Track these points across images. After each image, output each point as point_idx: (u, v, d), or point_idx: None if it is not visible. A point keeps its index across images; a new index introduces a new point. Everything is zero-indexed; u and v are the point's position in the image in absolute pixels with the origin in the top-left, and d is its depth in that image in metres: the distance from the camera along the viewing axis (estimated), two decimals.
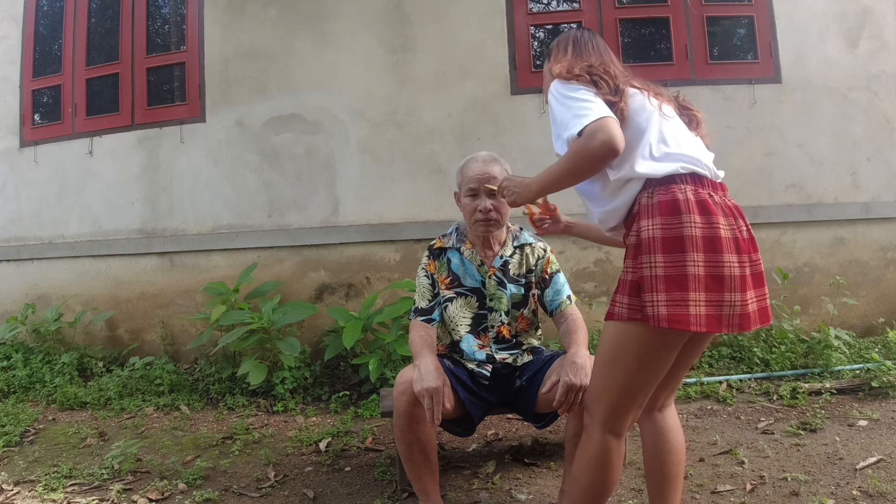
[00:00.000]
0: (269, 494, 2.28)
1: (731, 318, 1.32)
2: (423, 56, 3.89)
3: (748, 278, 1.35)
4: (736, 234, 1.35)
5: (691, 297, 1.30)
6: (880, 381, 2.88)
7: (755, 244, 1.40)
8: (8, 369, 3.81)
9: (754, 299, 1.37)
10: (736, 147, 3.79)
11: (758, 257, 1.40)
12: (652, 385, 1.45)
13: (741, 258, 1.34)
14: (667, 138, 1.46)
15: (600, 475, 1.47)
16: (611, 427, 1.46)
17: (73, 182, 4.31)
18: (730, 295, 1.31)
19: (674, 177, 1.40)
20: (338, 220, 3.92)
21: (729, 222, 1.36)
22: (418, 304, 2.10)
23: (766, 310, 1.41)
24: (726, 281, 1.31)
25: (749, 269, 1.36)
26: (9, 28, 4.53)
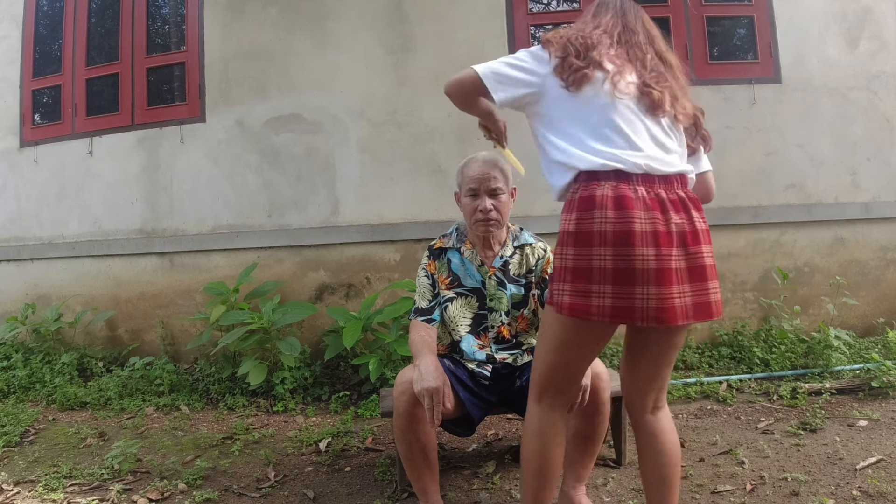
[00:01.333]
0: (269, 494, 2.28)
1: (646, 310, 1.34)
2: (423, 56, 3.89)
3: (677, 272, 1.35)
4: (658, 228, 1.35)
5: (594, 289, 1.35)
6: (880, 381, 2.88)
7: (699, 237, 1.39)
8: (8, 369, 3.81)
9: (688, 293, 1.37)
10: (736, 147, 3.80)
11: (700, 250, 1.39)
12: (576, 366, 1.54)
13: (664, 251, 1.34)
14: (607, 131, 1.44)
15: (536, 444, 1.54)
16: (538, 398, 1.55)
17: (73, 182, 4.31)
18: (642, 288, 1.33)
19: (597, 173, 1.41)
20: (338, 220, 3.92)
21: (652, 216, 1.35)
22: (418, 305, 2.10)
23: (707, 304, 1.39)
24: (637, 274, 1.33)
25: (684, 263, 1.37)
26: (9, 28, 4.53)
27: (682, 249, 1.37)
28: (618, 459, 2.36)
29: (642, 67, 1.51)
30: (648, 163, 1.41)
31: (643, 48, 1.55)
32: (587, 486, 1.99)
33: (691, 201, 1.44)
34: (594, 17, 1.62)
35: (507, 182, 2.03)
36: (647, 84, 1.48)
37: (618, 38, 1.55)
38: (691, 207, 1.42)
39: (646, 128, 1.46)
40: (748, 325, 3.70)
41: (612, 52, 1.52)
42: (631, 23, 1.58)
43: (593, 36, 1.53)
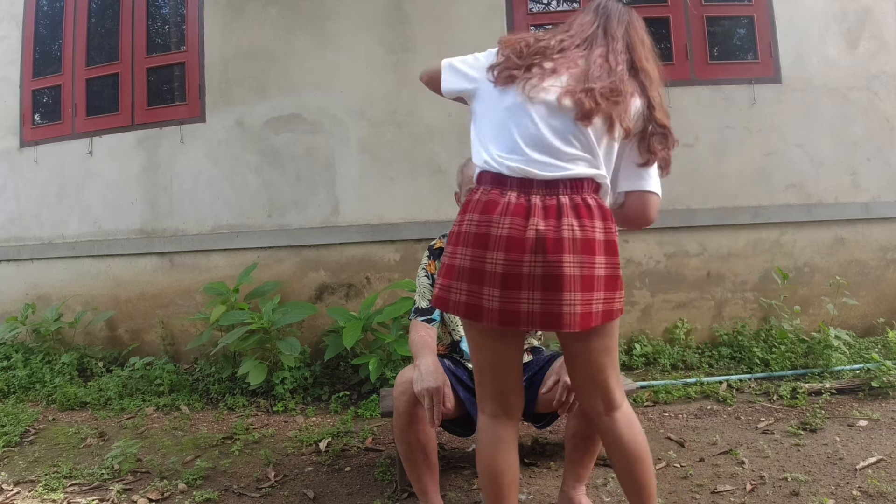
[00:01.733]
0: (269, 494, 2.28)
1: (491, 311, 1.38)
2: (423, 56, 3.88)
3: (530, 278, 1.35)
4: (513, 234, 1.35)
5: (454, 285, 1.42)
6: (880, 381, 2.88)
7: (563, 246, 1.34)
8: (8, 369, 3.81)
9: (537, 300, 1.35)
10: (736, 147, 3.79)
11: (560, 259, 1.34)
12: (492, 370, 1.53)
13: (514, 256, 1.35)
14: (501, 133, 1.46)
15: (482, 455, 1.55)
16: (489, 409, 1.55)
17: (73, 182, 4.30)
18: (489, 289, 1.37)
19: (482, 174, 1.48)
20: (338, 220, 3.92)
21: (512, 221, 1.36)
22: (418, 305, 2.10)
23: (558, 315, 1.35)
24: (487, 276, 1.37)
25: (540, 270, 1.35)
26: (9, 28, 4.52)
27: (540, 256, 1.35)
28: None
29: (589, 76, 1.44)
30: (525, 167, 1.40)
31: (612, 56, 1.48)
32: (587, 486, 1.99)
33: (575, 209, 1.38)
34: (572, 21, 1.60)
35: None
36: (580, 92, 1.41)
37: (582, 43, 1.51)
38: (569, 215, 1.37)
39: (542, 133, 1.43)
40: (748, 325, 3.70)
41: (561, 56, 1.48)
42: (612, 28, 1.53)
43: (549, 41, 1.50)
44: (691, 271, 3.80)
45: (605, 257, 1.40)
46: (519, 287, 1.35)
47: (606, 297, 1.41)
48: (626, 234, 3.78)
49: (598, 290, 1.39)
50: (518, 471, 1.57)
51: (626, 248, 3.80)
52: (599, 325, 1.42)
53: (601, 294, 1.40)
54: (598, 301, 1.39)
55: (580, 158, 1.43)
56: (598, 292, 1.39)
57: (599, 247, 1.39)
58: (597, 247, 1.38)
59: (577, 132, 1.43)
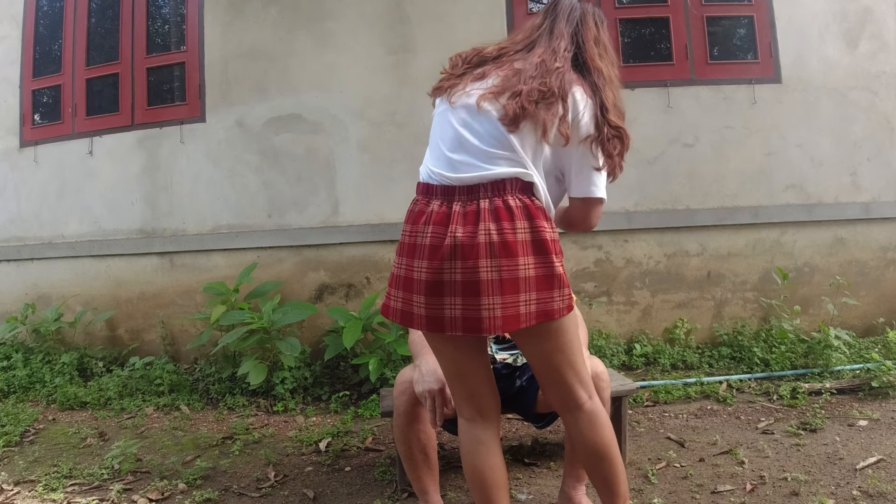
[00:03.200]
0: (269, 494, 2.28)
1: (420, 317, 1.42)
2: (423, 56, 3.89)
3: (451, 284, 1.37)
4: (434, 242, 1.39)
5: (392, 293, 1.50)
6: (880, 381, 2.88)
7: (478, 251, 1.35)
8: (8, 369, 3.81)
9: (458, 306, 1.37)
10: (736, 147, 3.80)
11: (477, 265, 1.35)
12: (457, 374, 1.55)
13: (434, 264, 1.37)
14: (431, 147, 1.54)
15: (465, 458, 1.56)
16: (463, 412, 1.57)
17: (73, 182, 4.30)
18: (417, 297, 1.42)
19: (417, 186, 1.54)
20: (338, 220, 3.92)
21: (434, 230, 1.40)
22: None
23: (477, 319, 1.36)
24: (414, 283, 1.43)
25: (459, 276, 1.36)
26: (9, 28, 4.52)
27: (458, 263, 1.36)
28: None
29: (521, 77, 1.42)
30: (445, 172, 1.43)
31: (550, 55, 1.45)
32: (587, 486, 1.99)
33: (494, 212, 1.37)
34: (524, 25, 1.61)
35: None
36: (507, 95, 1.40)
37: (524, 47, 1.50)
38: (487, 219, 1.37)
39: (461, 133, 1.44)
40: (748, 325, 3.70)
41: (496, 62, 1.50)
42: (559, 27, 1.50)
43: (489, 49, 1.55)
44: (691, 271, 3.80)
45: (535, 257, 1.38)
46: (441, 293, 1.38)
47: (540, 297, 1.38)
48: (627, 234, 3.79)
49: (527, 290, 1.37)
50: (504, 470, 1.56)
51: (625, 249, 3.80)
52: (544, 325, 1.40)
53: (532, 294, 1.37)
54: (527, 302, 1.37)
55: (501, 158, 1.41)
56: (526, 293, 1.37)
57: (524, 247, 1.37)
58: (519, 248, 1.36)
59: (499, 134, 1.41)
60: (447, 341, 1.50)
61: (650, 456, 2.40)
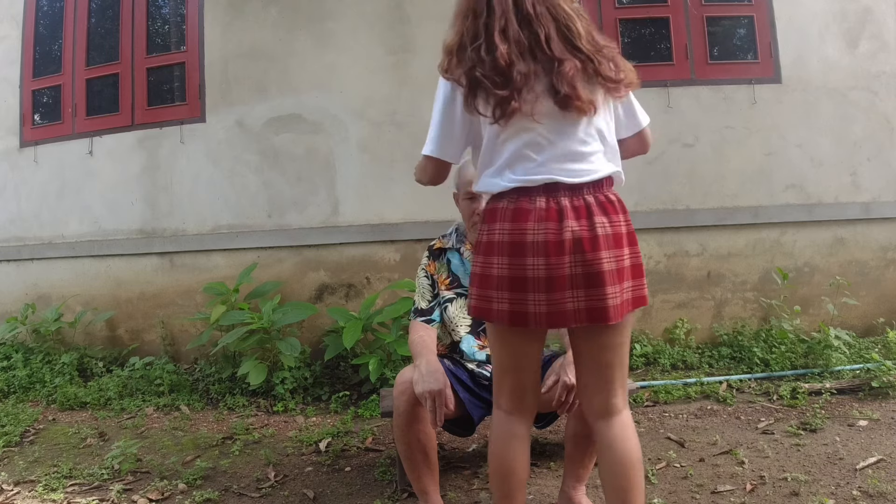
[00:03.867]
0: (269, 494, 2.28)
1: (538, 315, 1.40)
2: (423, 56, 3.89)
3: (572, 278, 1.39)
4: (549, 238, 1.38)
5: (494, 295, 1.44)
6: (880, 381, 2.88)
7: (598, 244, 1.39)
8: (8, 369, 3.81)
9: (582, 298, 1.39)
10: (736, 147, 3.80)
11: (599, 257, 1.38)
12: (514, 368, 1.54)
13: (553, 260, 1.38)
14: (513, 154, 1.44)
15: (495, 449, 1.55)
16: (506, 406, 1.56)
17: (73, 182, 4.30)
18: (534, 295, 1.39)
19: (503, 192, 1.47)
20: (338, 220, 3.92)
21: (546, 226, 1.39)
22: (418, 305, 2.10)
23: (603, 309, 1.39)
24: (529, 282, 1.39)
25: (581, 269, 1.39)
26: (9, 28, 4.52)
27: (578, 256, 1.39)
28: None
29: (550, 70, 1.40)
30: (551, 176, 1.42)
31: (546, 39, 1.41)
32: (587, 486, 1.99)
33: (601, 206, 1.42)
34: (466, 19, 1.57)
35: None
36: (559, 92, 1.38)
37: (515, 37, 1.43)
38: (597, 213, 1.41)
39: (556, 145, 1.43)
40: (748, 325, 3.70)
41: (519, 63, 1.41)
42: (525, 7, 1.44)
43: (498, 59, 1.43)
44: (691, 271, 3.80)
45: (629, 248, 1.46)
46: (563, 288, 1.39)
47: (634, 284, 1.47)
48: None
49: (628, 279, 1.45)
50: (529, 469, 1.58)
51: None
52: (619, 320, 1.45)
53: (630, 283, 1.46)
54: (627, 290, 1.45)
55: (598, 153, 1.46)
56: (627, 282, 1.45)
57: (625, 239, 1.45)
58: (623, 240, 1.44)
59: (587, 129, 1.44)
60: (528, 335, 1.49)
61: (650, 456, 2.40)
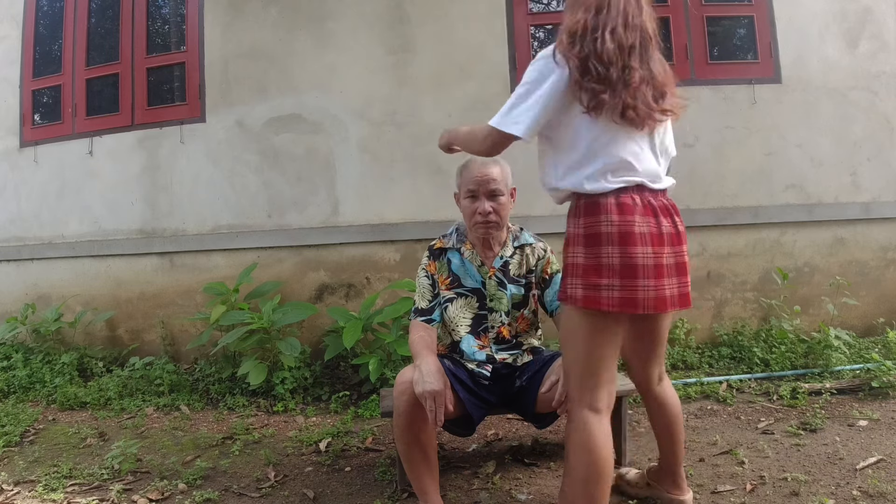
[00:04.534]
0: (269, 494, 2.28)
1: (647, 300, 1.53)
2: (423, 56, 3.89)
3: (667, 267, 1.57)
4: (651, 230, 1.55)
5: (604, 283, 1.52)
6: (880, 381, 2.88)
7: (681, 239, 1.62)
8: (8, 369, 3.81)
9: (675, 285, 1.58)
10: (736, 147, 3.80)
11: (682, 250, 1.62)
12: (607, 360, 1.62)
13: (657, 249, 1.54)
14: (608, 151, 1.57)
15: (587, 455, 1.55)
16: (587, 403, 1.60)
17: (73, 182, 4.31)
18: (643, 281, 1.52)
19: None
20: (338, 220, 3.92)
21: (647, 220, 1.55)
22: (418, 305, 2.10)
23: (686, 295, 1.62)
24: (640, 269, 1.52)
25: (672, 260, 1.58)
26: (9, 28, 4.53)
27: (671, 248, 1.58)
28: (618, 459, 2.35)
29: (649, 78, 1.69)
30: (642, 179, 1.59)
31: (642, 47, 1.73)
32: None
33: (673, 208, 1.64)
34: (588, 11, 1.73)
35: (507, 183, 2.03)
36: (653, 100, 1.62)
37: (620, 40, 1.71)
38: (673, 213, 1.62)
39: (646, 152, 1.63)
40: (748, 325, 3.70)
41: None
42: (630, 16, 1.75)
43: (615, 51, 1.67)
44: (691, 271, 3.78)
45: (687, 246, 1.67)
46: (664, 276, 1.55)
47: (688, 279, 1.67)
48: None
49: (688, 274, 1.66)
50: None
51: None
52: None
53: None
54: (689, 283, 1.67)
55: (664, 165, 1.69)
56: (688, 276, 1.66)
57: (685, 238, 1.65)
58: (685, 239, 1.65)
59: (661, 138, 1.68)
60: (619, 326, 1.60)
61: (650, 456, 2.40)
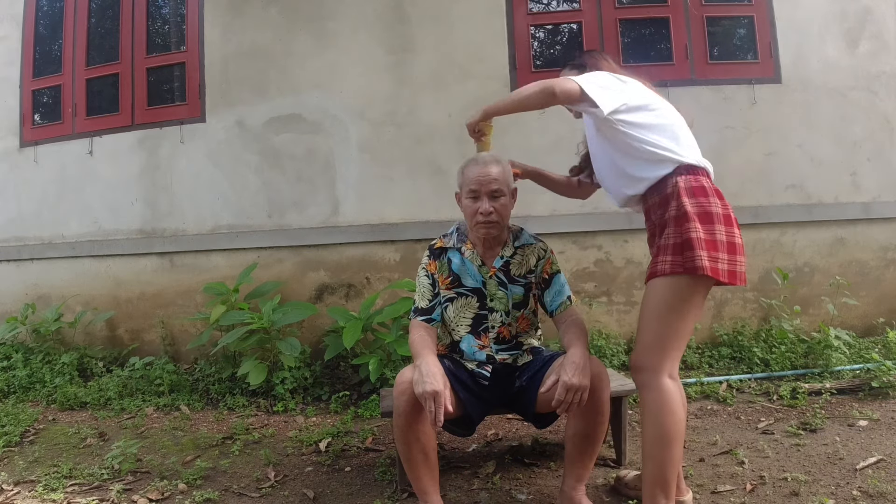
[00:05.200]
0: (269, 494, 2.28)
1: (741, 273, 1.77)
2: (423, 56, 3.89)
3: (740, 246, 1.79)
4: (730, 212, 1.78)
5: (720, 257, 1.72)
6: (880, 381, 2.88)
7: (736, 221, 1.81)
8: (8, 369, 3.81)
9: (744, 263, 1.80)
10: (736, 147, 3.79)
11: (738, 232, 1.81)
12: (692, 329, 1.80)
13: (736, 230, 1.78)
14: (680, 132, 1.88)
15: (673, 419, 1.70)
16: (669, 371, 1.75)
17: (73, 182, 4.31)
18: (741, 258, 1.77)
19: (695, 167, 1.82)
20: (338, 220, 3.92)
21: (724, 203, 1.78)
22: (418, 304, 2.10)
23: (745, 273, 1.82)
24: (738, 247, 1.76)
25: (739, 240, 1.79)
26: (9, 28, 4.53)
27: (738, 230, 1.79)
28: (618, 459, 2.36)
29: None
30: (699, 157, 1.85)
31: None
32: (587, 486, 1.99)
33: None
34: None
35: (508, 183, 2.03)
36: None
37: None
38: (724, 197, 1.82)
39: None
40: (748, 325, 3.70)
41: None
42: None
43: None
44: None
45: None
46: (741, 253, 1.77)
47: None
48: (627, 234, 3.78)
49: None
50: None
51: (626, 249, 3.80)
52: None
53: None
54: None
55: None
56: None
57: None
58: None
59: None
60: (705, 299, 1.81)
61: None
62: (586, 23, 3.88)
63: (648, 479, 1.71)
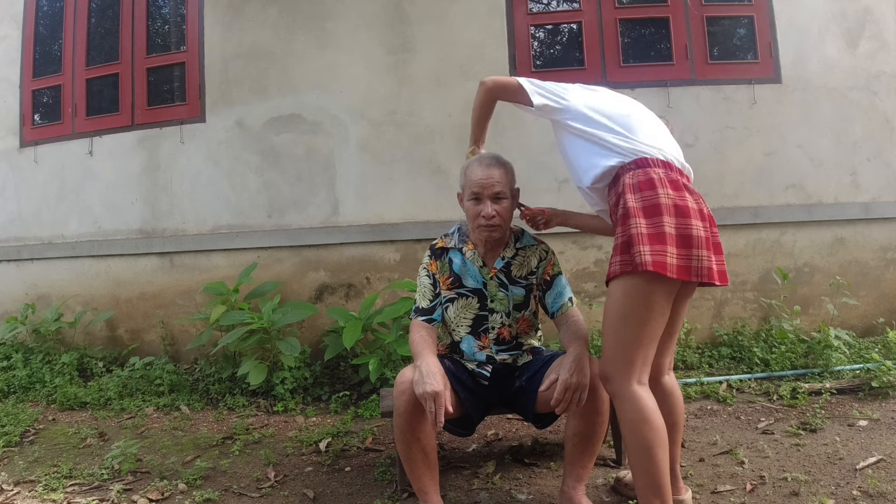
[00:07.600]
0: (269, 494, 2.28)
1: (701, 269, 1.62)
2: (423, 56, 3.89)
3: (705, 240, 1.64)
4: (690, 204, 1.66)
5: (668, 250, 1.61)
6: (880, 381, 2.89)
7: (714, 221, 1.71)
8: (8, 369, 3.81)
9: (711, 258, 1.65)
10: (736, 147, 3.80)
11: (716, 231, 1.70)
12: (656, 333, 1.68)
13: (698, 223, 1.64)
14: (647, 127, 1.84)
15: (648, 427, 1.63)
16: (636, 378, 1.67)
17: (73, 182, 4.30)
18: (699, 251, 1.62)
19: (647, 160, 1.74)
20: (338, 220, 3.92)
21: (688, 196, 1.68)
22: (419, 304, 2.10)
23: (724, 273, 1.69)
24: (694, 240, 1.62)
25: (704, 234, 1.64)
26: (9, 28, 4.53)
27: (704, 223, 1.65)
28: (618, 459, 2.36)
29: None
30: (662, 149, 1.77)
31: None
32: (587, 486, 1.99)
33: (689, 186, 1.75)
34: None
35: (511, 185, 2.03)
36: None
37: None
38: (693, 192, 1.72)
39: (660, 125, 1.90)
40: (748, 325, 3.70)
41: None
42: None
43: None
44: None
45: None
46: (705, 247, 1.64)
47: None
48: None
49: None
50: None
51: None
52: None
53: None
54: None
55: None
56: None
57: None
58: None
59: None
60: (670, 298, 1.68)
61: None
62: (586, 23, 3.88)
63: (640, 485, 1.66)
